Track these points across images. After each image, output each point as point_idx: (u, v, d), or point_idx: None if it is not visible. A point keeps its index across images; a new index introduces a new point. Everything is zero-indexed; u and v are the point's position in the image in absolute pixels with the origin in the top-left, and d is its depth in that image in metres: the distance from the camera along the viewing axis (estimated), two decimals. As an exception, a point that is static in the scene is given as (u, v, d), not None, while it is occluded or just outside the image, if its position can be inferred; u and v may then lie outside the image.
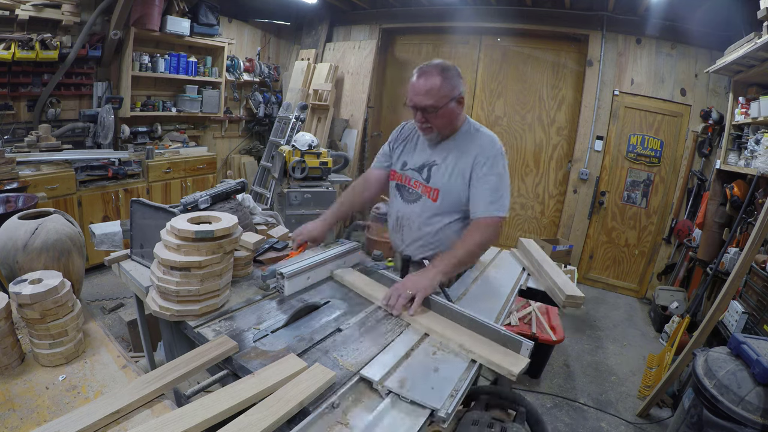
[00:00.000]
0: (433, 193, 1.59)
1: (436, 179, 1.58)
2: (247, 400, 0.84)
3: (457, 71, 1.50)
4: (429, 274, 1.33)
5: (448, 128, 1.56)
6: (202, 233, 1.09)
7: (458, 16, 4.65)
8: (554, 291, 1.65)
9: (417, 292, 1.26)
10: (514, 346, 1.09)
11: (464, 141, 1.57)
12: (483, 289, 1.62)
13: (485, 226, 1.46)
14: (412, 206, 1.65)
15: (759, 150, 2.93)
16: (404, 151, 1.71)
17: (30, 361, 0.97)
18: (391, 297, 1.29)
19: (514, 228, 5.03)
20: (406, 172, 1.67)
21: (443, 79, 1.44)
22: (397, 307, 1.26)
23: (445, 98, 1.45)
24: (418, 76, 1.47)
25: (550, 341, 2.68)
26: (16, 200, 1.68)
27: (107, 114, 3.77)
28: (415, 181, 1.64)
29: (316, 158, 3.95)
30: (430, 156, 1.62)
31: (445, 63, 1.49)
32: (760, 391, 1.62)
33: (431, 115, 1.48)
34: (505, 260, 1.98)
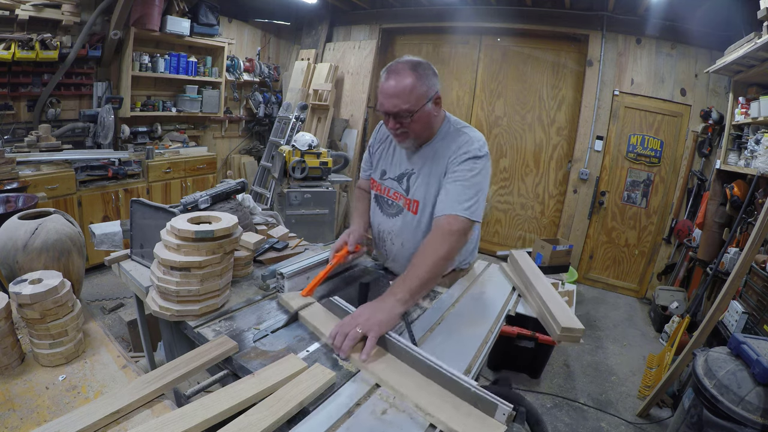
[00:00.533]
0: (413, 205, 1.44)
1: (414, 190, 1.43)
2: (247, 400, 0.84)
3: (431, 67, 1.32)
4: (386, 305, 1.07)
5: (426, 133, 1.38)
6: (202, 233, 1.09)
7: (458, 16, 4.65)
8: (548, 320, 1.38)
9: (369, 331, 1.00)
10: (487, 409, 0.83)
11: (443, 144, 1.40)
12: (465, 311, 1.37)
13: (449, 232, 1.22)
14: (393, 220, 1.51)
15: (759, 150, 2.94)
16: (382, 158, 1.56)
17: (30, 361, 0.97)
18: (337, 335, 1.02)
19: (514, 228, 5.03)
20: (384, 182, 1.53)
21: (416, 78, 1.26)
22: (344, 349, 1.00)
23: (421, 100, 1.27)
24: (387, 76, 1.28)
25: (550, 341, 2.68)
26: (16, 200, 1.68)
27: (107, 114, 3.77)
28: (394, 192, 1.50)
29: (316, 158, 3.95)
30: (408, 164, 1.46)
31: (415, 59, 1.31)
32: (760, 391, 1.62)
33: (406, 120, 1.29)
34: (493, 277, 1.71)
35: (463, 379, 0.88)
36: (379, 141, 1.59)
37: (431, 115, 1.34)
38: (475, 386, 0.86)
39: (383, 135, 1.58)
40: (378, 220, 1.57)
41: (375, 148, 1.60)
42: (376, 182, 1.57)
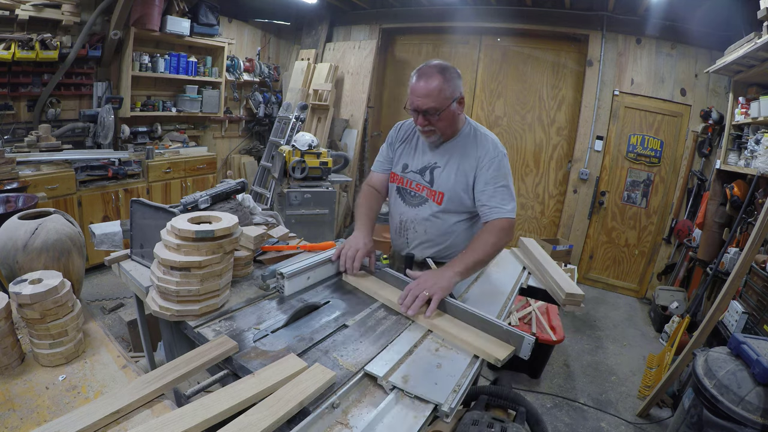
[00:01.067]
0: (438, 197, 1.58)
1: (440, 182, 1.57)
2: (247, 400, 0.84)
3: (456, 71, 1.47)
4: (447, 274, 1.29)
5: (450, 130, 1.54)
6: (203, 233, 1.09)
7: (458, 16, 4.65)
8: (554, 289, 1.65)
9: (434, 294, 1.23)
10: (516, 341, 1.11)
11: (466, 143, 1.55)
12: (484, 288, 1.62)
13: (500, 228, 1.45)
14: (416, 210, 1.63)
15: (759, 150, 2.94)
16: (404, 153, 1.68)
17: (30, 361, 0.97)
18: (407, 296, 1.24)
19: (515, 228, 5.02)
20: (407, 174, 1.65)
21: (444, 80, 1.41)
22: (413, 307, 1.22)
23: (447, 100, 1.42)
24: (417, 78, 1.43)
25: (550, 341, 2.68)
26: (16, 200, 1.68)
27: (107, 114, 3.77)
28: (417, 184, 1.62)
29: (316, 158, 3.95)
30: (431, 158, 1.60)
31: (444, 63, 1.46)
32: (760, 391, 1.62)
33: (433, 118, 1.45)
34: (505, 259, 1.98)
35: (497, 322, 1.17)
36: (400, 139, 1.71)
37: (455, 114, 1.49)
38: (506, 326, 1.14)
39: (404, 132, 1.71)
40: (400, 210, 1.69)
41: (396, 145, 1.71)
42: (398, 175, 1.69)
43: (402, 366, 1.03)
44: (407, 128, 1.70)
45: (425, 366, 1.04)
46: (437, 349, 1.12)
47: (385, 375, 0.97)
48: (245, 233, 1.48)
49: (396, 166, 1.70)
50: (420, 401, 0.92)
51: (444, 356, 1.10)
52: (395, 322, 1.25)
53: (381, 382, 0.96)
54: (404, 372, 1.00)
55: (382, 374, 0.97)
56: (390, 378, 0.97)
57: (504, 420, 1.26)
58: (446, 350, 1.12)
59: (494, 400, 1.46)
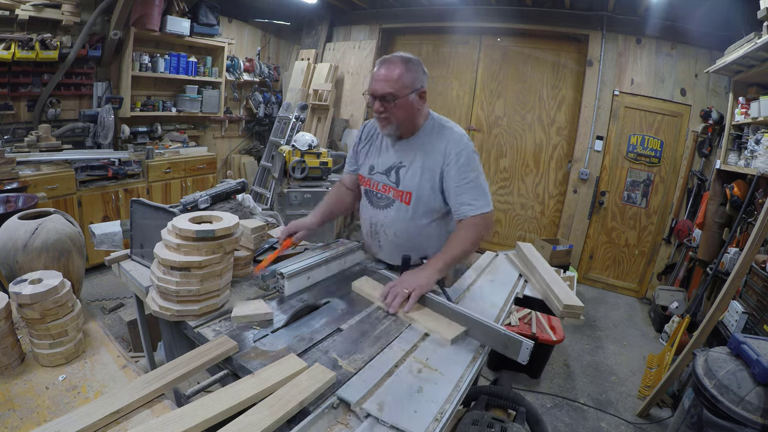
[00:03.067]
0: (406, 197, 1.53)
1: (406, 182, 1.52)
2: (247, 400, 0.84)
3: (421, 65, 1.45)
4: (425, 272, 1.33)
5: (408, 123, 1.49)
6: (203, 232, 1.09)
7: (458, 16, 4.65)
8: (551, 300, 1.55)
9: (413, 291, 1.27)
10: (514, 347, 1.09)
11: (430, 138, 1.51)
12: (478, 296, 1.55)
13: (473, 225, 1.44)
14: (385, 212, 1.59)
15: (759, 150, 2.93)
16: (369, 154, 1.64)
17: (30, 361, 0.97)
18: (388, 295, 1.29)
19: (514, 228, 5.03)
20: (373, 176, 1.61)
21: (405, 69, 1.39)
22: (393, 305, 1.27)
23: (406, 88, 1.39)
24: (380, 64, 1.43)
25: (550, 341, 2.68)
26: (16, 200, 1.68)
27: (107, 114, 3.77)
28: (383, 185, 1.58)
29: (316, 158, 3.95)
30: (396, 157, 1.55)
31: (408, 55, 1.45)
32: (760, 391, 1.62)
33: (390, 105, 1.41)
34: (501, 266, 1.89)
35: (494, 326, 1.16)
36: (365, 139, 1.68)
37: (414, 106, 1.45)
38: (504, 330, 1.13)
39: (368, 133, 1.68)
40: (369, 213, 1.65)
41: (361, 146, 1.69)
42: (365, 178, 1.65)
43: (379, 390, 0.94)
44: (371, 128, 1.67)
45: (405, 390, 0.95)
46: (420, 371, 1.03)
47: (358, 401, 0.89)
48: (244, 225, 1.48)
49: (362, 168, 1.67)
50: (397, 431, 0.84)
51: (427, 379, 1.00)
52: (395, 323, 1.25)
53: (354, 408, 0.88)
54: (381, 398, 0.91)
55: (355, 400, 0.89)
56: (364, 404, 0.88)
57: (504, 420, 1.26)
58: (429, 372, 1.04)
59: (494, 400, 1.46)
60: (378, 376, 0.98)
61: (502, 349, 1.12)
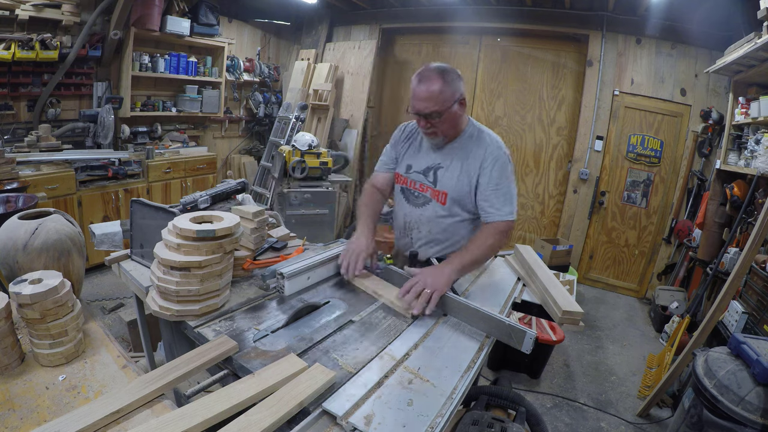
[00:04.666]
0: (442, 197, 1.58)
1: (443, 182, 1.57)
2: (247, 400, 0.84)
3: (456, 73, 1.48)
4: (445, 271, 1.34)
5: (453, 131, 1.55)
6: (204, 232, 1.09)
7: (458, 16, 4.65)
8: (550, 305, 1.53)
9: (435, 291, 1.27)
10: (518, 336, 1.12)
11: (469, 143, 1.56)
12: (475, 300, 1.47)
13: (497, 231, 1.48)
14: (420, 210, 1.64)
15: (759, 150, 2.93)
16: (407, 154, 1.69)
17: (30, 361, 0.97)
18: (410, 293, 1.28)
19: (514, 228, 5.02)
20: (410, 175, 1.66)
21: (444, 83, 1.42)
22: (418, 306, 1.25)
23: (448, 102, 1.43)
24: (418, 81, 1.44)
25: (550, 341, 2.68)
26: (16, 200, 1.68)
27: (107, 114, 3.77)
28: (420, 184, 1.63)
29: (316, 158, 3.95)
30: (435, 158, 1.60)
31: (443, 66, 1.47)
32: (760, 391, 1.62)
33: (435, 121, 1.46)
34: (498, 269, 1.86)
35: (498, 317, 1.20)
36: (404, 139, 1.72)
37: (457, 115, 1.50)
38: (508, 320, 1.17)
39: (408, 133, 1.72)
40: (405, 210, 1.69)
41: (399, 146, 1.73)
42: (402, 176, 1.69)
43: (367, 402, 0.91)
44: (410, 130, 1.72)
45: (394, 403, 0.91)
46: (411, 381, 0.99)
47: (344, 414, 0.86)
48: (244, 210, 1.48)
49: (400, 166, 1.71)
50: None
51: (417, 390, 0.96)
52: (395, 323, 1.25)
53: (340, 422, 0.85)
54: (368, 410, 0.88)
55: (341, 413, 0.86)
56: (350, 418, 0.85)
57: (504, 420, 1.26)
58: (421, 383, 0.99)
59: (494, 400, 1.46)
60: (366, 388, 0.95)
61: (507, 339, 1.14)
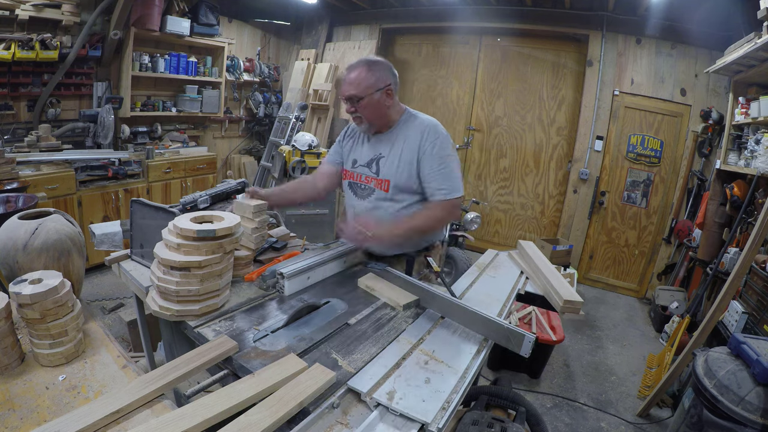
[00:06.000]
0: (384, 184, 1.63)
1: (384, 171, 1.63)
2: (247, 400, 0.84)
3: (386, 65, 1.57)
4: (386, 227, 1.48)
5: (379, 119, 1.60)
6: (204, 232, 1.09)
7: (458, 16, 4.65)
8: (552, 295, 1.62)
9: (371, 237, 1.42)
10: (516, 340, 1.11)
11: (405, 129, 1.62)
12: (481, 292, 1.60)
13: (443, 207, 1.53)
14: (366, 201, 1.68)
15: (759, 150, 2.93)
16: (353, 149, 1.75)
17: (30, 361, 0.97)
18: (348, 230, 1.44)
19: (514, 228, 5.03)
20: (356, 169, 1.72)
21: (367, 71, 1.52)
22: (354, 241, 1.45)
23: (369, 89, 1.52)
24: (347, 69, 1.57)
25: (550, 341, 2.68)
26: (16, 200, 1.68)
27: (107, 114, 3.77)
28: (366, 177, 1.68)
29: (316, 158, 3.95)
30: (375, 150, 1.66)
31: (373, 58, 1.58)
32: (760, 391, 1.62)
33: (357, 105, 1.54)
34: (503, 263, 1.94)
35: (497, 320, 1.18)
36: (349, 136, 1.81)
37: (381, 103, 1.57)
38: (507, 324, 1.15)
39: (351, 130, 1.81)
40: (353, 203, 1.75)
41: (345, 142, 1.81)
42: (348, 171, 1.76)
43: (388, 380, 0.97)
44: (354, 127, 1.78)
45: (413, 381, 0.98)
46: (426, 362, 1.07)
47: (369, 390, 0.91)
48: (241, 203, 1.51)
49: (346, 163, 1.77)
50: (406, 419, 0.87)
51: (433, 370, 1.04)
52: (395, 322, 1.25)
53: (365, 398, 0.91)
54: (390, 387, 0.94)
55: (366, 390, 0.91)
56: (374, 394, 0.91)
57: (504, 420, 1.26)
58: (436, 363, 1.07)
59: (494, 400, 1.46)
60: (387, 368, 1.02)
61: (506, 343, 1.14)
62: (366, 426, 0.84)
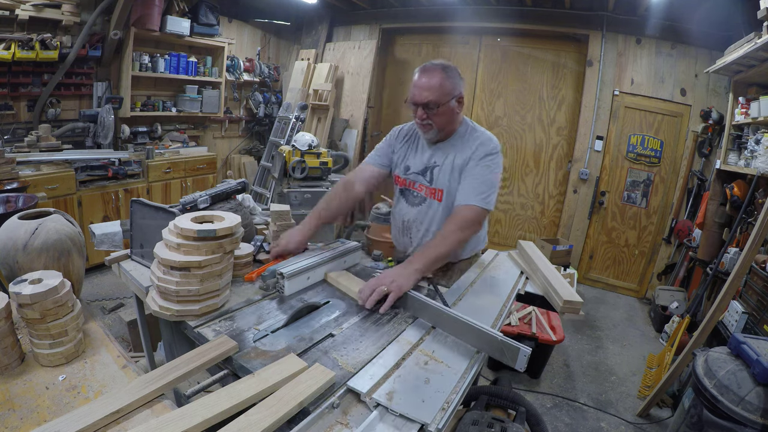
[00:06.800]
0: (438, 194, 1.60)
1: (438, 180, 1.60)
2: (247, 400, 0.84)
3: (458, 72, 1.52)
4: (407, 271, 1.31)
5: (448, 127, 1.57)
6: (204, 232, 1.09)
7: (458, 16, 4.65)
8: (552, 296, 1.60)
9: (391, 291, 1.26)
10: (511, 353, 1.06)
11: (462, 140, 1.59)
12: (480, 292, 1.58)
13: (465, 218, 1.45)
14: (418, 209, 1.66)
15: (759, 150, 2.93)
16: (406, 155, 1.71)
17: (30, 361, 0.97)
18: (365, 289, 1.28)
19: (514, 228, 5.03)
20: (409, 176, 1.68)
21: (445, 77, 1.46)
22: (370, 302, 1.26)
23: (447, 96, 1.47)
24: (420, 73, 1.49)
25: (550, 341, 2.68)
26: (16, 200, 1.68)
27: (107, 114, 3.77)
28: (419, 185, 1.66)
29: (316, 158, 3.95)
30: (431, 158, 1.63)
31: (447, 63, 1.52)
32: (760, 391, 1.62)
33: (432, 112, 1.49)
34: (503, 263, 1.92)
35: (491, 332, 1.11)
36: (402, 140, 1.73)
37: (454, 111, 1.53)
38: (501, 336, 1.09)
39: (404, 135, 1.73)
40: (403, 211, 1.72)
41: (397, 147, 1.73)
42: (401, 177, 1.72)
43: (388, 381, 0.97)
44: (407, 131, 1.74)
45: (412, 381, 0.98)
46: (426, 363, 1.07)
47: (368, 391, 0.92)
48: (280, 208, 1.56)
49: (398, 168, 1.73)
50: (405, 420, 0.87)
51: (433, 370, 1.04)
52: (396, 322, 1.25)
53: (364, 398, 0.91)
54: (389, 388, 0.94)
55: (365, 390, 0.91)
56: (374, 394, 0.91)
57: (504, 420, 1.26)
58: (436, 364, 1.07)
59: (494, 400, 1.46)
60: (386, 368, 1.01)
61: (499, 356, 1.08)
62: (366, 426, 0.84)
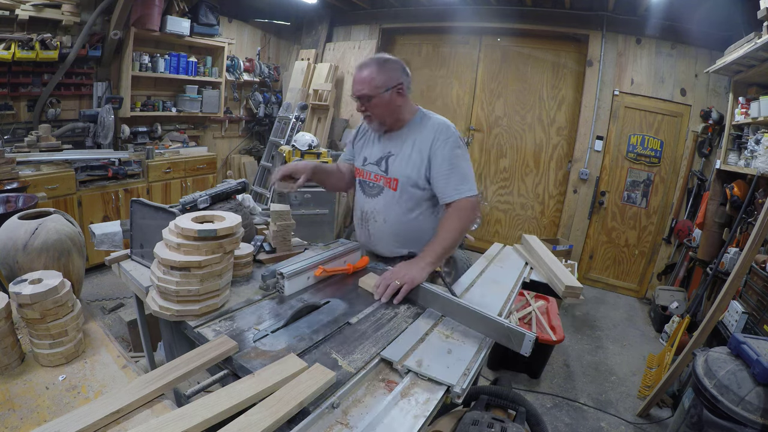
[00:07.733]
0: (393, 183, 1.62)
1: (393, 169, 1.61)
2: (247, 400, 0.84)
3: (398, 64, 1.56)
4: (419, 265, 1.38)
5: (390, 118, 1.59)
6: (205, 232, 1.09)
7: (458, 16, 4.65)
8: (554, 282, 1.71)
9: (404, 284, 1.33)
10: (517, 339, 1.13)
11: (417, 128, 1.61)
12: (488, 282, 1.66)
13: (461, 209, 1.50)
14: (375, 200, 1.67)
15: (759, 150, 2.93)
16: (364, 147, 1.75)
17: (30, 361, 0.97)
18: (380, 285, 1.36)
19: (515, 228, 5.03)
20: (366, 167, 1.72)
21: (377, 70, 1.51)
22: (386, 295, 1.33)
23: (379, 88, 1.51)
24: (357, 68, 1.55)
25: (550, 341, 2.68)
26: (16, 200, 1.68)
27: (107, 114, 3.77)
28: (375, 175, 1.68)
29: (316, 158, 3.96)
30: (386, 148, 1.65)
31: (384, 56, 1.56)
32: (760, 391, 1.62)
33: (368, 104, 1.54)
34: (509, 255, 2.05)
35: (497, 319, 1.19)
36: (361, 134, 1.80)
37: (392, 102, 1.55)
38: (507, 323, 1.16)
39: (363, 129, 1.80)
40: (362, 202, 1.75)
41: (358, 140, 1.82)
42: (359, 169, 1.76)
43: (415, 351, 1.09)
44: (365, 125, 1.77)
45: (437, 351, 1.11)
46: (447, 337, 1.19)
47: (400, 359, 1.04)
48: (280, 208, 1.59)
49: (357, 160, 1.78)
50: (433, 383, 0.99)
51: (454, 343, 1.17)
52: (396, 322, 1.25)
53: (396, 366, 1.03)
54: (418, 357, 1.07)
55: (397, 359, 1.04)
56: (405, 362, 1.03)
57: (504, 420, 1.26)
58: (456, 337, 1.19)
59: (494, 400, 1.46)
60: (413, 341, 1.13)
61: (506, 342, 1.15)
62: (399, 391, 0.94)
